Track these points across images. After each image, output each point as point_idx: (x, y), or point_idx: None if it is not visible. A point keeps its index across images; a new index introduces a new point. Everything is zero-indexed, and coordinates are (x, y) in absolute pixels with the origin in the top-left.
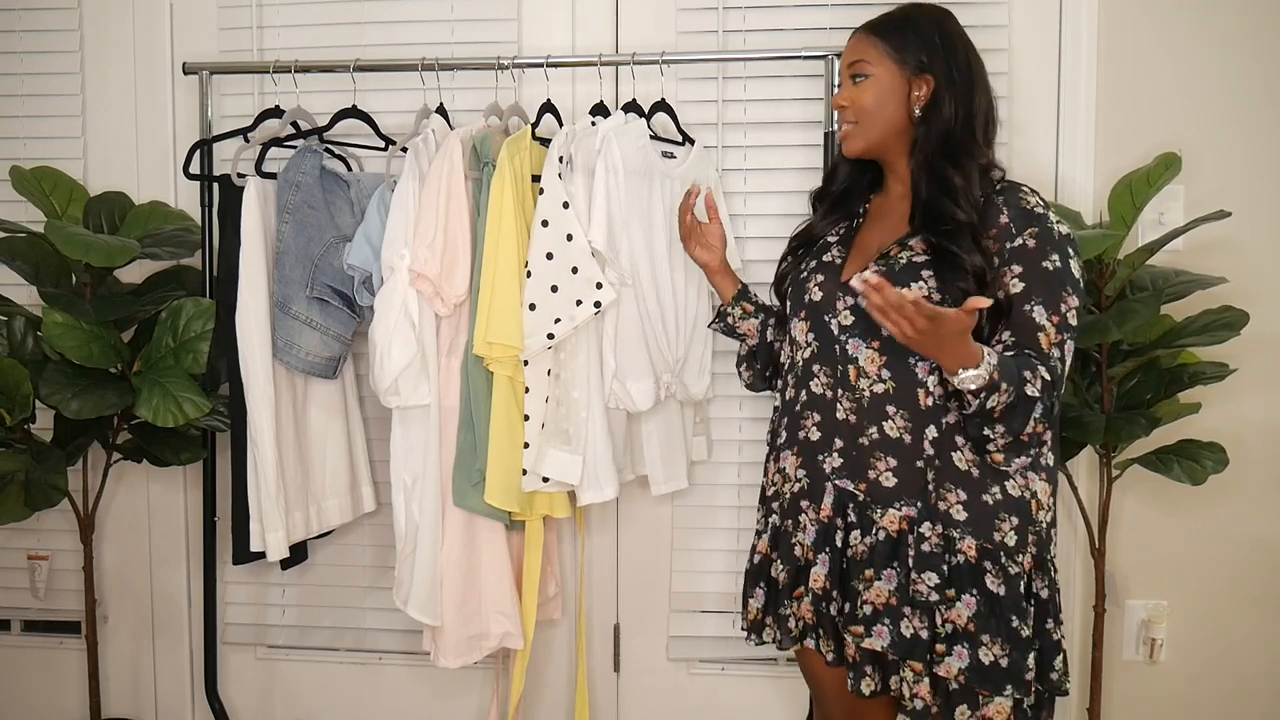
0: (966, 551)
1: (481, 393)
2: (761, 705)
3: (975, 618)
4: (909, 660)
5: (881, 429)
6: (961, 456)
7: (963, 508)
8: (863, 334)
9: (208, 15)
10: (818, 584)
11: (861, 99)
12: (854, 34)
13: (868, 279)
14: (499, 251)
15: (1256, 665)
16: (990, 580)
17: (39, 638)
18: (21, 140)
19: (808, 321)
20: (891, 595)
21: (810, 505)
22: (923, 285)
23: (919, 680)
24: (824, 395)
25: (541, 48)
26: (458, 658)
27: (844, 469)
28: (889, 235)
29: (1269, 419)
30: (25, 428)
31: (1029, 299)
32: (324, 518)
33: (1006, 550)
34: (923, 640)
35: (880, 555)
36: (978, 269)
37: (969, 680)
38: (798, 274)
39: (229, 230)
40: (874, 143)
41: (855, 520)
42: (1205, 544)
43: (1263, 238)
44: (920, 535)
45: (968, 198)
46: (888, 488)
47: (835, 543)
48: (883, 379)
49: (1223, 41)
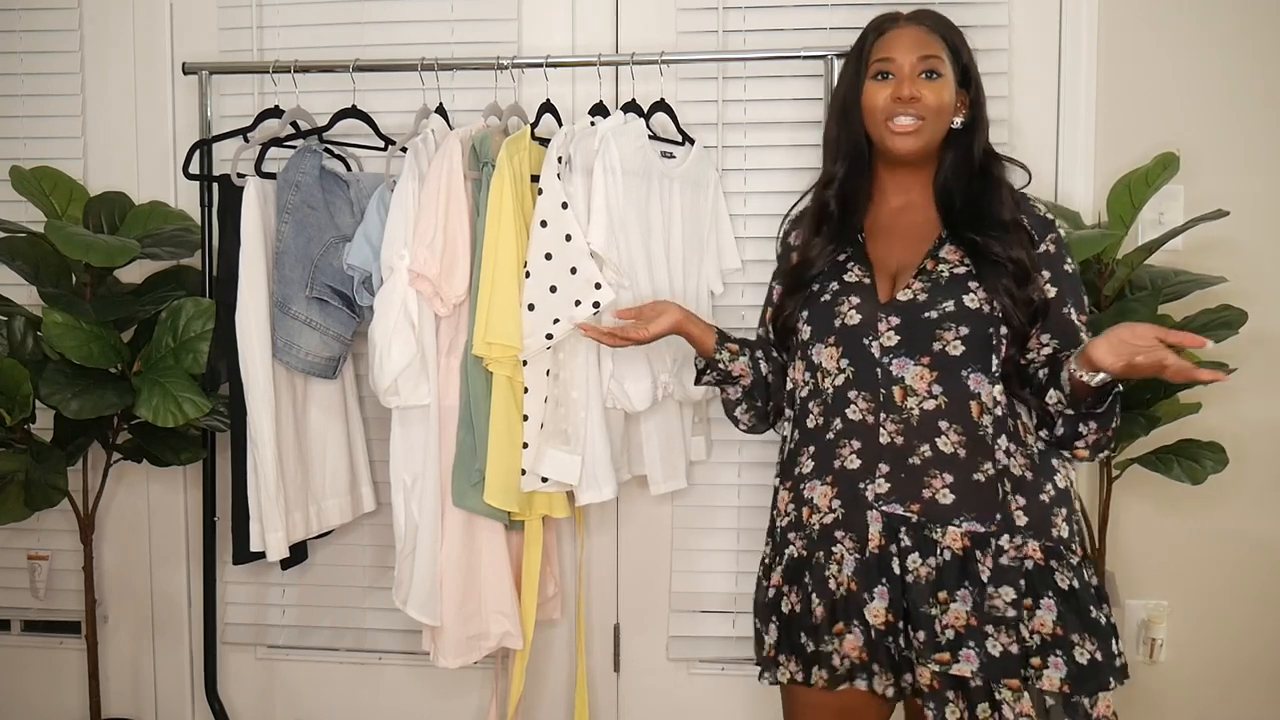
0: (1033, 555)
1: (481, 393)
2: (762, 705)
3: (1059, 620)
4: (1004, 680)
5: (935, 445)
6: (1016, 462)
7: (1023, 513)
8: (909, 352)
9: (208, 15)
10: (879, 619)
11: (940, 97)
12: (909, 23)
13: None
14: (498, 252)
15: (1256, 665)
16: (1060, 578)
17: (39, 638)
18: (21, 140)
19: (839, 347)
20: (970, 616)
21: (848, 535)
22: (973, 296)
23: (1019, 697)
24: (864, 421)
25: (541, 48)
26: (457, 658)
27: (891, 493)
28: (913, 248)
29: (1269, 418)
30: (25, 428)
31: (1064, 302)
32: (324, 518)
33: (1064, 543)
34: (1014, 656)
35: (950, 575)
36: (1019, 262)
37: (1074, 688)
38: (815, 299)
39: (229, 230)
40: (930, 144)
41: (911, 544)
42: (1205, 544)
43: (1262, 237)
44: (999, 549)
45: (1011, 195)
46: (945, 505)
47: (893, 570)
48: (934, 395)
49: (1222, 41)
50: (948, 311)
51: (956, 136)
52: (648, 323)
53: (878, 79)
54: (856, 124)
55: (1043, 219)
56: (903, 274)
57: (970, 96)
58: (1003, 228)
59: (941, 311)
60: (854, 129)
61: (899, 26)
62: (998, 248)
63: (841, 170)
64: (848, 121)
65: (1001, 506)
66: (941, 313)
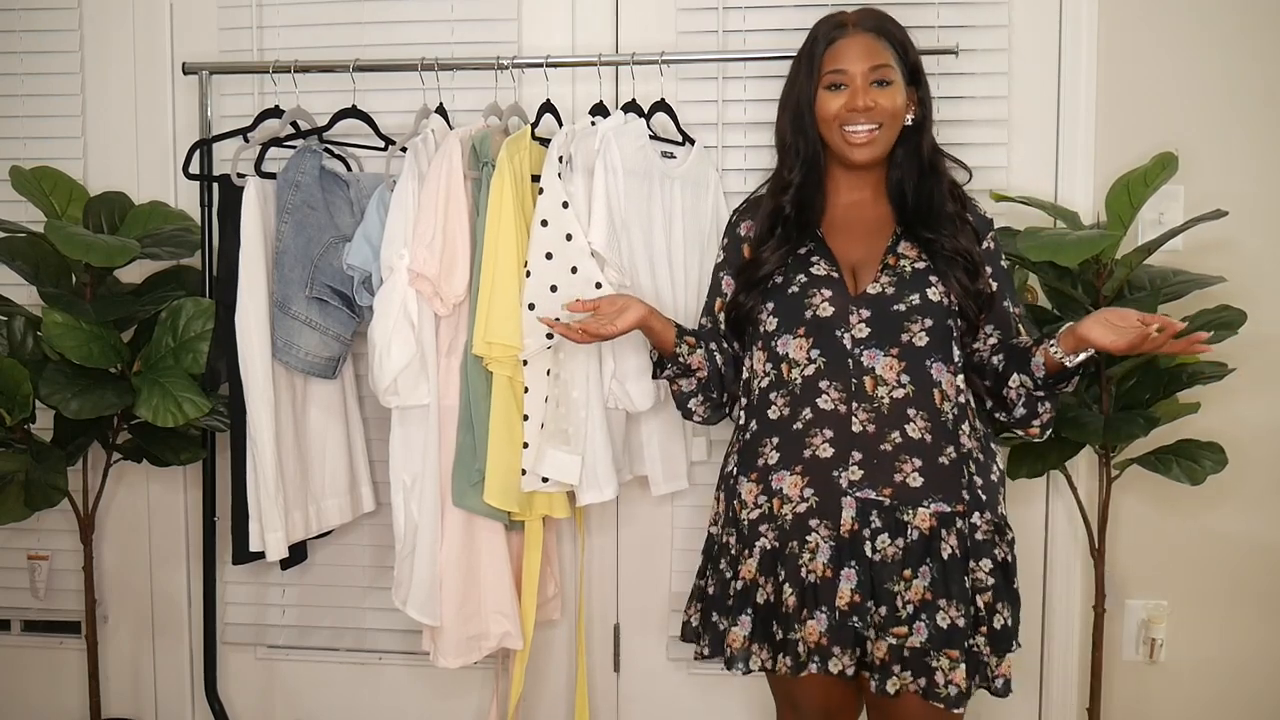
0: (984, 528)
1: (481, 393)
2: (761, 705)
3: (992, 589)
4: (946, 649)
5: (904, 432)
6: (975, 445)
7: (981, 491)
8: (879, 343)
9: (208, 15)
10: (844, 600)
11: (893, 102)
12: (856, 33)
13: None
14: (498, 251)
15: (1256, 665)
16: (998, 551)
17: (39, 638)
18: (21, 140)
19: (809, 338)
20: (927, 590)
21: (822, 523)
22: (934, 290)
23: (955, 666)
24: (835, 410)
25: (541, 48)
26: (457, 658)
27: (865, 479)
28: (869, 243)
29: (1268, 419)
30: (25, 428)
31: (1004, 296)
32: (323, 518)
33: (1005, 520)
34: (960, 628)
35: (915, 554)
36: (969, 255)
37: (992, 649)
38: (781, 291)
39: (229, 230)
40: (886, 149)
41: (881, 525)
42: (1205, 544)
43: (1262, 238)
44: (972, 525)
45: (954, 190)
46: (915, 488)
47: (864, 552)
48: (902, 384)
49: (1222, 41)
50: (914, 304)
51: (906, 133)
52: (613, 318)
53: (831, 89)
54: (811, 129)
55: (983, 218)
56: (863, 268)
57: (919, 94)
58: (950, 222)
59: (909, 304)
60: (809, 135)
61: (848, 35)
62: (949, 243)
63: (798, 178)
64: (802, 127)
65: (968, 487)
66: (909, 305)
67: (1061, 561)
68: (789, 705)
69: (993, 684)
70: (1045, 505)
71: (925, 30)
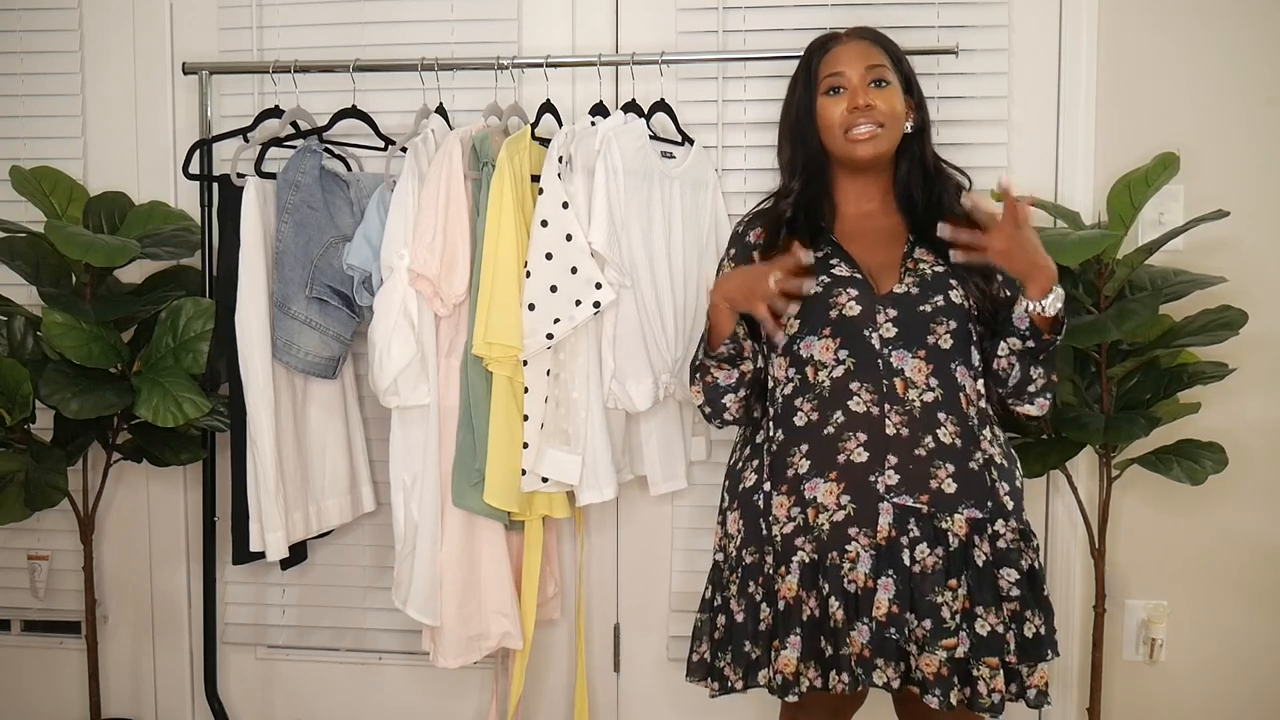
0: (1009, 536)
1: (481, 393)
2: (762, 705)
3: (1019, 599)
4: (986, 658)
5: (936, 437)
6: (998, 451)
7: (1009, 498)
8: (907, 344)
9: (208, 15)
10: (880, 611)
11: (891, 103)
12: (850, 39)
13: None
14: (498, 251)
15: (1256, 665)
16: (1024, 559)
17: (39, 638)
18: (21, 140)
19: (836, 338)
20: (965, 599)
21: (862, 531)
22: (956, 292)
23: (995, 675)
24: (869, 413)
25: (541, 48)
26: (457, 658)
27: (901, 485)
28: (885, 250)
29: (1268, 419)
30: (25, 428)
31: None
32: (323, 518)
33: (1030, 527)
34: (999, 635)
35: (955, 563)
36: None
37: (1020, 658)
38: None
39: (229, 230)
40: (889, 149)
41: (920, 535)
42: (1205, 544)
43: (1263, 238)
44: (995, 533)
45: (959, 193)
46: (950, 494)
47: (903, 561)
48: (931, 387)
49: (1223, 41)
50: (939, 305)
51: (908, 141)
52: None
53: (830, 94)
54: (813, 140)
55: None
56: (882, 272)
57: (915, 101)
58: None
59: (934, 305)
60: (810, 145)
61: (842, 42)
62: None
63: (799, 184)
64: (803, 138)
65: (992, 493)
66: (934, 306)
67: (1061, 561)
68: (795, 703)
69: (1025, 694)
70: (1045, 505)
71: (925, 30)
